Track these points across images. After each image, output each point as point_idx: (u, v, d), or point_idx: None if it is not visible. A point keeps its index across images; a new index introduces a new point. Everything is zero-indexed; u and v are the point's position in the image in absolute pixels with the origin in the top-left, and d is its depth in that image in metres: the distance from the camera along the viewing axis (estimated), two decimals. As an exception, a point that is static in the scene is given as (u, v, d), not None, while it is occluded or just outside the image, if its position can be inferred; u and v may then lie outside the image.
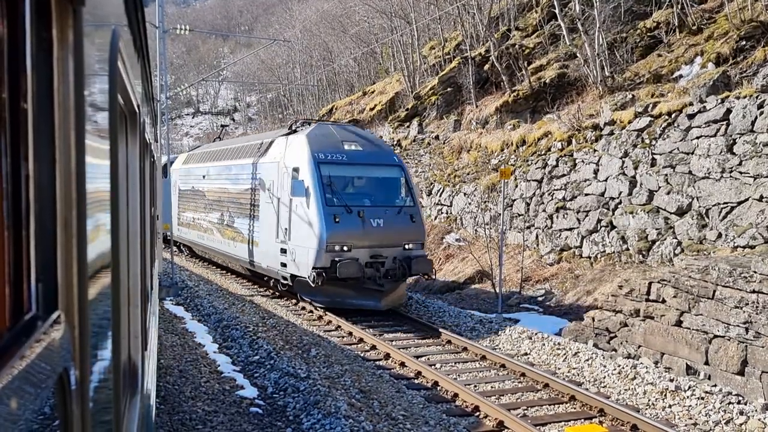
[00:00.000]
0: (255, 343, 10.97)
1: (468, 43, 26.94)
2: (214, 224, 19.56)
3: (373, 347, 11.76)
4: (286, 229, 14.07)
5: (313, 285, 13.08)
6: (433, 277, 14.90)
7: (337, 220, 13.01)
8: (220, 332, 12.17)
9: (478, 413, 8.58)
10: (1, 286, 0.85)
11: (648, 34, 19.66)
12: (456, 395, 9.18)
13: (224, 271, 20.73)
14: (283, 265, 14.24)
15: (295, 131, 15.47)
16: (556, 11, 21.70)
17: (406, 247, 13.66)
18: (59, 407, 1.00)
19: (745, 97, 13.22)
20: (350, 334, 12.64)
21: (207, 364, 9.88)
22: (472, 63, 25.15)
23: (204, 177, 20.93)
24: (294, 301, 15.29)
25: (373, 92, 36.82)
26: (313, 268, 12.95)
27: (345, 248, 13.02)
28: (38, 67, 0.95)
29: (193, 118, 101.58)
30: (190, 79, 77.92)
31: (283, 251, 14.20)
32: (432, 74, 30.10)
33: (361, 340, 12.19)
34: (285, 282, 14.59)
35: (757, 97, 12.93)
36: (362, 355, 11.31)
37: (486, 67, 25.28)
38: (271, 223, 14.86)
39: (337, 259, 12.86)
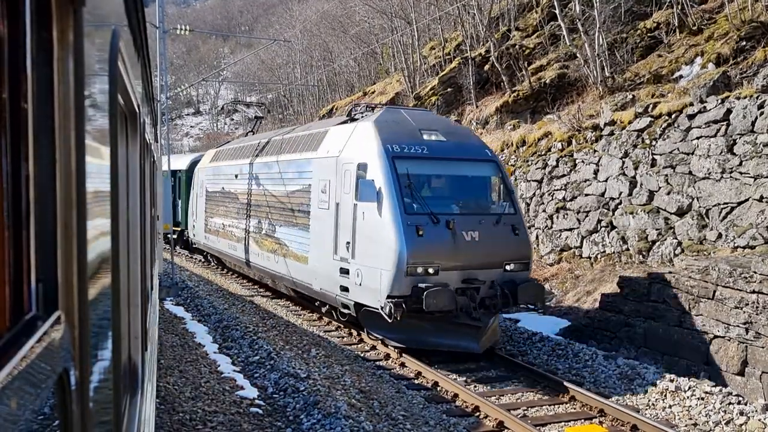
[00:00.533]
0: (255, 344, 10.97)
1: (468, 43, 26.93)
2: (249, 233, 16.64)
3: (373, 347, 11.76)
4: (347, 243, 11.12)
5: (390, 320, 10.06)
6: (541, 308, 12.08)
7: (420, 232, 10.10)
8: (220, 332, 12.17)
9: (478, 413, 8.59)
10: (1, 286, 0.85)
11: (648, 34, 19.66)
12: (456, 395, 9.20)
13: (224, 272, 20.72)
14: (344, 289, 11.30)
15: (354, 119, 12.67)
16: (556, 11, 21.69)
17: (508, 268, 10.71)
18: (59, 407, 1.00)
19: (745, 97, 13.22)
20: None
21: (207, 365, 9.88)
22: (472, 63, 25.14)
23: (237, 177, 17.85)
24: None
25: (373, 92, 36.82)
26: (389, 296, 9.97)
27: (430, 270, 10.08)
28: (38, 67, 0.95)
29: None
30: (190, 79, 77.99)
31: (344, 272, 11.24)
32: (432, 74, 30.09)
33: (361, 340, 12.18)
34: (346, 311, 11.71)
35: (757, 98, 12.92)
36: (362, 355, 11.32)
37: (486, 67, 25.27)
38: (326, 234, 11.91)
39: (421, 285, 9.90)
